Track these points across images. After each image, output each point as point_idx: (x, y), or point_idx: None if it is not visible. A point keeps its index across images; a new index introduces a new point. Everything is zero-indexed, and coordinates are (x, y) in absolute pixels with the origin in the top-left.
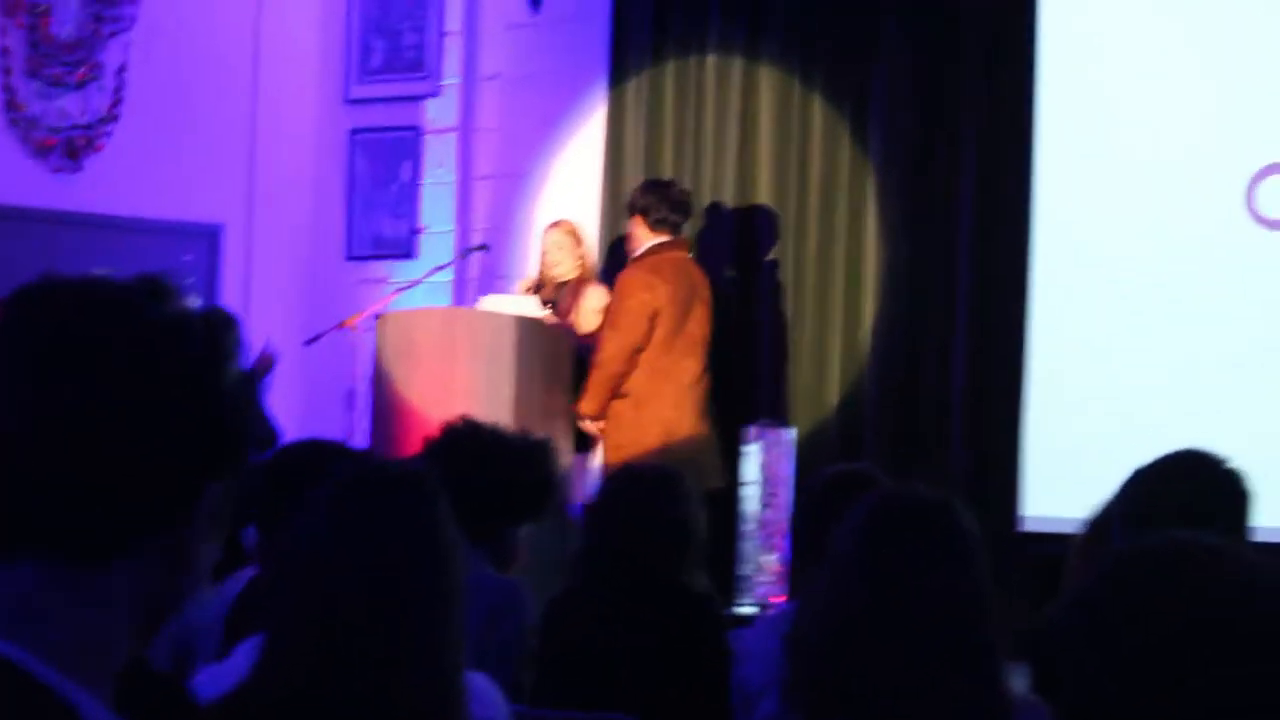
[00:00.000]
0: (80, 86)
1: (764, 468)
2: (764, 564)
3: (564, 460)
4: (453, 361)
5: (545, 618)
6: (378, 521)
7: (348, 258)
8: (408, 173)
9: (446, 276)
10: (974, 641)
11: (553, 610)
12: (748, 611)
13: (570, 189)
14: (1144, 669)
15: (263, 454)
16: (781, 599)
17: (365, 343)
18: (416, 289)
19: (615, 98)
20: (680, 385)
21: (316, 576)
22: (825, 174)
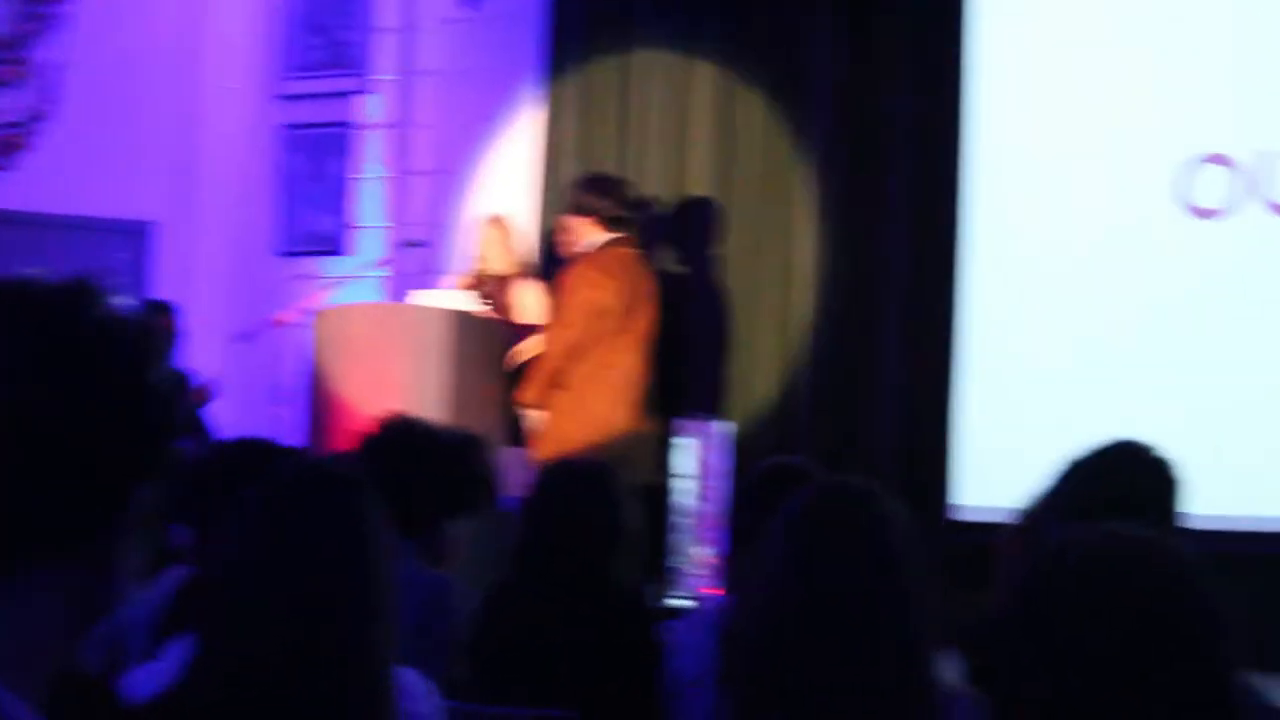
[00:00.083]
0: (10, 84)
1: (698, 461)
2: (698, 557)
3: (498, 455)
4: (387, 357)
5: (479, 612)
6: (309, 521)
7: (280, 254)
8: (340, 168)
9: (381, 272)
10: (906, 633)
11: (487, 605)
12: (681, 604)
13: (504, 184)
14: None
15: (195, 453)
16: (715, 592)
17: (299, 339)
18: (350, 285)
19: (550, 93)
20: (620, 380)
21: (249, 576)
22: (759, 168)
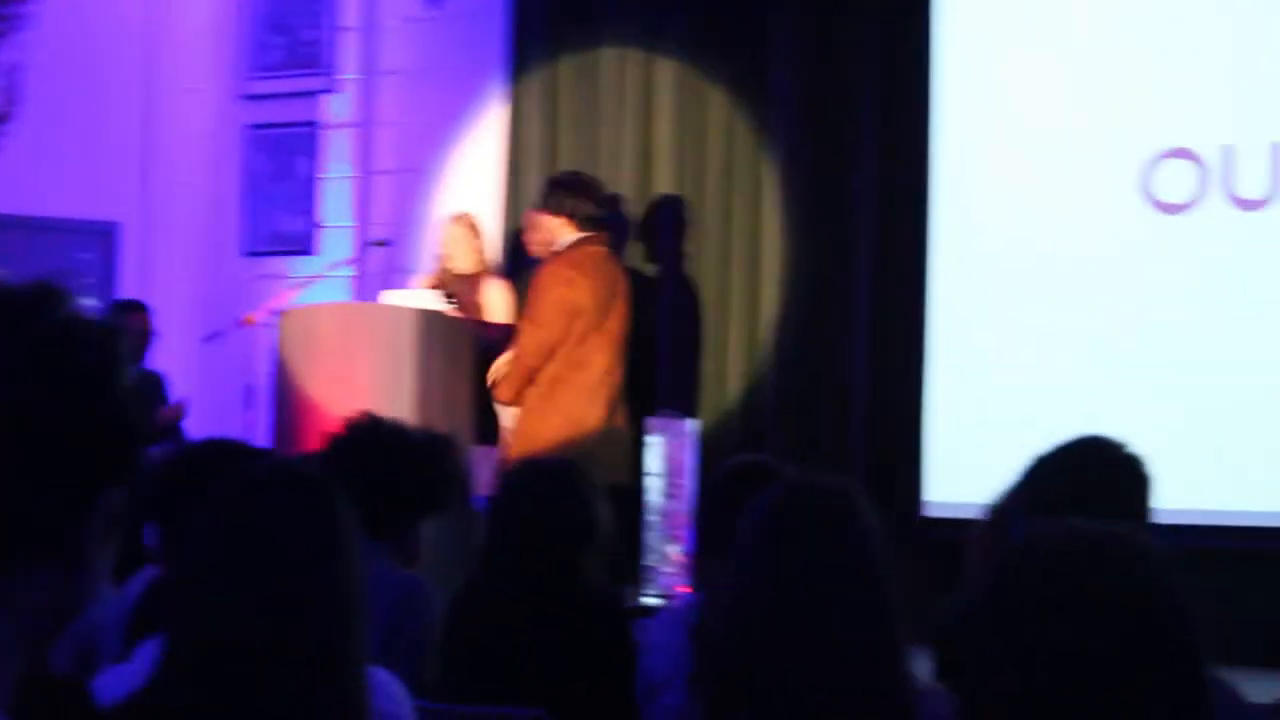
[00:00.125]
0: None
1: (667, 459)
2: (667, 555)
3: (467, 453)
4: (354, 356)
5: (449, 612)
6: (277, 522)
7: (245, 254)
8: (306, 168)
9: (348, 272)
10: (877, 630)
11: (457, 604)
12: (651, 602)
13: (469, 183)
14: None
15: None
16: (685, 590)
17: (265, 339)
18: (317, 285)
19: (514, 91)
20: (592, 378)
21: (217, 577)
22: (724, 165)
